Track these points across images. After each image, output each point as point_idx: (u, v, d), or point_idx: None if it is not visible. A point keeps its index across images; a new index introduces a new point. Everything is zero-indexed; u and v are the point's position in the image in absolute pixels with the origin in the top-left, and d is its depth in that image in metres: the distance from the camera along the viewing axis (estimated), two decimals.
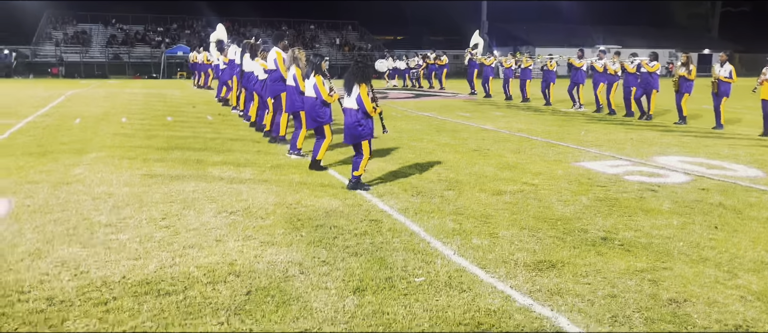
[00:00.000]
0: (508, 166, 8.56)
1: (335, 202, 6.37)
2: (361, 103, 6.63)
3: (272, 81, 10.21)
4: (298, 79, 8.66)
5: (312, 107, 7.93)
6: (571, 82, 18.23)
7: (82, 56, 46.59)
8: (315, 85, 7.71)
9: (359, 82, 6.65)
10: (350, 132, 6.84)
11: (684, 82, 13.83)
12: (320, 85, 7.67)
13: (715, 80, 13.23)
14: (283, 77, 9.60)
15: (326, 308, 3.77)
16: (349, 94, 6.75)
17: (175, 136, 11.38)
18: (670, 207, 6.37)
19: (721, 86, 13.15)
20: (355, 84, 6.66)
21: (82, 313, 3.65)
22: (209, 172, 7.94)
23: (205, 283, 4.15)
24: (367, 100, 6.63)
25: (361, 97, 6.61)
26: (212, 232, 5.32)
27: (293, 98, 8.90)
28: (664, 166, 8.73)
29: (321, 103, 7.82)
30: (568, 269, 4.49)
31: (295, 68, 8.71)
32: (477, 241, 5.13)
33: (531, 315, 3.71)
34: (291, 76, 8.82)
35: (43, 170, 7.91)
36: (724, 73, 13.10)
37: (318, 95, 7.74)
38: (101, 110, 16.31)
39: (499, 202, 6.48)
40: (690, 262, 4.67)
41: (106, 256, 4.67)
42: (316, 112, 7.91)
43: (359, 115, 6.72)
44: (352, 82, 6.70)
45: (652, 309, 3.81)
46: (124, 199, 6.40)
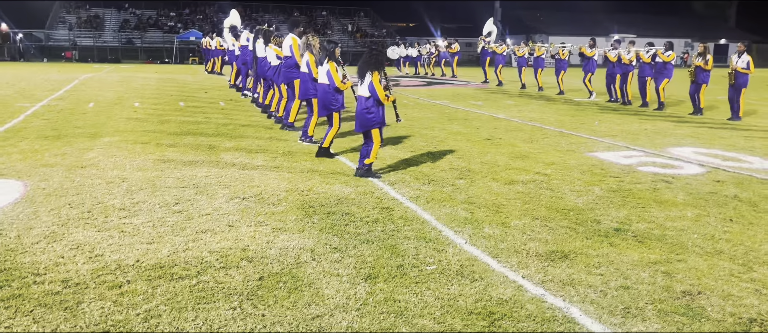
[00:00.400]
0: (521, 156, 8.51)
1: (347, 190, 6.38)
2: (374, 91, 6.62)
3: (287, 67, 10.21)
4: (311, 66, 8.65)
5: (324, 94, 7.92)
6: (584, 71, 18.06)
7: (95, 40, 46.81)
8: (328, 72, 7.69)
9: (372, 69, 6.63)
10: (361, 119, 6.83)
11: (700, 72, 13.65)
12: (334, 71, 7.66)
13: (732, 71, 13.06)
14: (297, 64, 9.59)
15: (338, 295, 3.78)
16: (362, 81, 6.73)
17: (188, 121, 11.42)
18: (685, 199, 6.32)
19: (739, 77, 12.97)
20: (368, 71, 6.64)
21: (96, 296, 3.68)
22: (222, 157, 7.97)
23: (218, 268, 4.18)
24: (380, 88, 6.62)
25: (374, 84, 6.60)
26: (225, 217, 5.34)
27: (306, 85, 8.90)
28: (679, 158, 8.64)
29: (334, 90, 7.80)
30: (581, 260, 4.47)
31: (308, 55, 8.71)
32: (489, 231, 5.12)
33: (543, 305, 3.70)
34: (304, 63, 8.82)
35: (57, 154, 7.97)
36: (741, 64, 12.92)
37: (331, 82, 7.73)
38: (115, 95, 16.40)
39: (511, 192, 6.45)
40: (704, 255, 4.64)
41: (120, 239, 4.71)
42: (328, 99, 7.91)
43: (370, 102, 6.69)
44: (365, 69, 6.68)
45: (665, 301, 3.79)
46: (137, 184, 6.45)
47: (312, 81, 8.68)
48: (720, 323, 3.51)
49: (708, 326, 3.47)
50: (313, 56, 8.65)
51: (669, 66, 14.52)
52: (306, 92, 8.97)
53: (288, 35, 10.14)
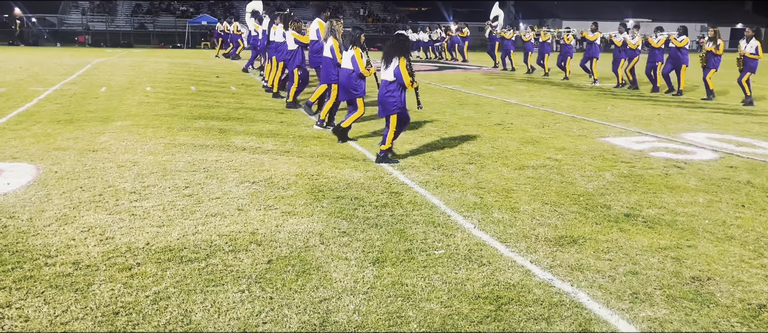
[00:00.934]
0: (532, 141, 8.46)
1: (356, 174, 6.38)
2: (399, 76, 6.66)
3: (313, 52, 10.29)
4: (335, 51, 8.71)
5: (347, 79, 7.95)
6: (584, 55, 17.81)
7: (108, 25, 47.00)
8: (353, 57, 7.75)
9: (399, 54, 6.68)
10: (383, 104, 6.86)
11: (711, 57, 13.42)
12: (358, 57, 7.73)
13: (740, 57, 12.81)
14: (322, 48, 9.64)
15: (346, 278, 3.80)
16: (386, 66, 6.77)
17: (199, 105, 11.46)
18: (697, 184, 6.26)
19: (748, 62, 12.74)
20: (395, 56, 6.69)
21: (107, 278, 3.73)
22: (232, 142, 8.00)
23: (227, 251, 4.21)
24: (406, 73, 6.67)
25: (400, 69, 6.65)
26: (234, 201, 5.37)
27: (329, 70, 8.96)
28: (692, 143, 8.55)
29: (357, 76, 7.84)
30: (590, 245, 4.45)
31: (332, 40, 8.78)
32: (498, 216, 5.10)
33: (550, 290, 3.69)
34: (328, 48, 8.86)
35: (69, 138, 8.04)
36: (749, 49, 12.67)
37: (355, 67, 7.78)
38: (126, 79, 16.48)
39: (521, 177, 6.42)
40: (715, 241, 4.60)
41: (131, 222, 4.75)
42: (350, 84, 7.92)
43: (393, 87, 6.74)
44: (391, 54, 6.73)
45: (674, 287, 3.77)
46: (148, 167, 6.49)
47: (335, 66, 8.74)
48: (729, 309, 3.49)
49: (717, 312, 3.45)
50: (337, 41, 8.71)
51: (684, 51, 14.31)
52: (328, 77, 9.03)
53: (315, 20, 10.20)
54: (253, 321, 3.25)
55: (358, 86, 7.93)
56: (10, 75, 16.82)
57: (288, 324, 3.23)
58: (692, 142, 8.61)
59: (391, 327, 3.22)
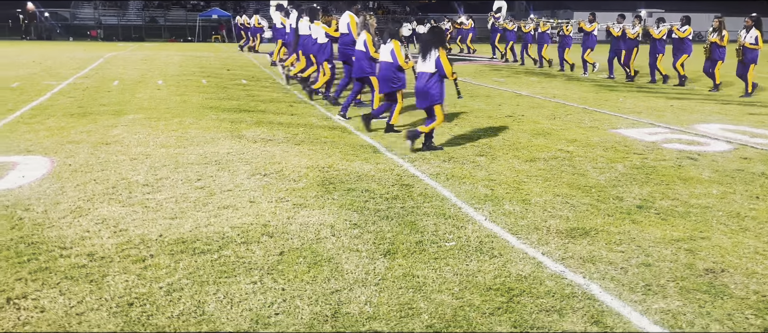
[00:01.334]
0: (543, 133, 8.42)
1: (367, 167, 6.39)
2: (440, 67, 6.73)
3: (343, 44, 10.38)
4: (368, 45, 8.82)
5: (386, 72, 8.04)
6: (582, 47, 17.61)
7: (120, 19, 47.23)
8: (392, 51, 7.85)
9: (437, 46, 6.78)
10: (423, 96, 6.94)
11: (716, 48, 13.10)
12: (398, 50, 7.85)
13: (739, 47, 12.52)
14: (354, 41, 9.77)
15: (357, 270, 3.81)
16: (424, 58, 6.85)
17: (210, 98, 11.51)
18: (710, 176, 6.20)
19: (748, 53, 12.42)
20: (434, 48, 6.77)
21: (121, 269, 3.76)
22: (243, 134, 8.03)
23: (239, 242, 4.23)
24: (447, 64, 6.75)
25: (441, 60, 6.73)
26: (246, 193, 5.39)
27: (361, 63, 9.06)
28: (705, 134, 8.47)
29: (396, 69, 7.94)
30: (602, 237, 4.43)
31: (365, 34, 8.88)
32: (509, 207, 5.09)
33: (562, 282, 3.68)
34: (361, 42, 8.94)
35: (83, 131, 8.11)
36: (749, 40, 12.33)
37: (394, 60, 7.88)
38: (138, 73, 16.58)
39: (532, 169, 6.40)
40: (729, 232, 4.56)
41: (144, 215, 4.79)
42: (390, 77, 8.02)
43: (433, 79, 6.83)
44: (430, 46, 6.82)
45: (687, 278, 3.74)
46: (160, 160, 6.53)
47: (368, 60, 8.88)
48: (743, 301, 3.46)
49: (730, 304, 3.43)
50: (371, 35, 8.83)
51: (687, 41, 14.06)
52: (361, 70, 9.13)
53: (345, 13, 10.30)
54: (266, 312, 3.27)
55: (397, 79, 8.04)
56: (23, 69, 16.97)
57: (300, 315, 3.24)
58: (706, 134, 8.53)
59: (402, 318, 3.22)
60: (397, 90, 8.08)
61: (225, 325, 3.14)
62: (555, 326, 3.16)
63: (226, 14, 45.90)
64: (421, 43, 6.99)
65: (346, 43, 10.23)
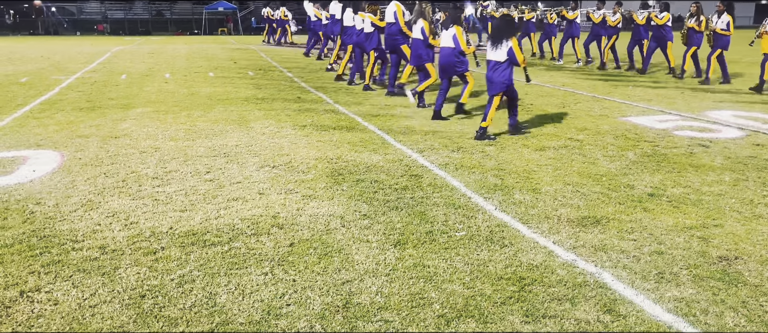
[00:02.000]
0: (552, 121, 8.37)
1: (376, 157, 6.37)
2: (513, 55, 6.96)
3: (389, 34, 10.52)
4: (426, 32, 8.97)
5: (447, 57, 8.26)
6: (564, 35, 17.25)
7: (126, 13, 47.32)
8: (454, 36, 8.06)
9: (509, 35, 6.99)
10: (496, 83, 7.14)
11: (693, 34, 12.78)
12: (460, 36, 8.07)
13: (710, 33, 12.21)
14: (401, 30, 10.05)
15: (368, 261, 3.80)
16: (495, 47, 7.06)
17: (217, 91, 11.51)
18: (722, 163, 6.14)
19: (719, 39, 12.13)
20: (506, 37, 6.98)
21: (133, 262, 3.78)
22: (251, 126, 8.03)
23: (249, 234, 4.24)
24: (519, 52, 7.00)
25: (513, 49, 6.94)
26: (255, 185, 5.40)
27: (418, 51, 9.21)
28: (717, 121, 8.39)
29: (458, 53, 8.16)
30: (613, 225, 4.40)
31: (422, 21, 9.03)
32: (519, 197, 5.06)
33: (574, 270, 3.66)
34: (419, 29, 9.07)
35: (92, 125, 8.13)
36: (721, 25, 12.02)
37: (456, 45, 8.08)
38: (146, 66, 16.60)
39: (542, 158, 6.36)
40: (742, 220, 4.52)
41: (154, 207, 4.80)
42: (452, 62, 8.26)
43: (503, 65, 7.05)
44: (502, 35, 7.01)
45: (700, 266, 3.71)
46: (169, 153, 6.55)
47: (426, 46, 9.07)
48: (758, 288, 3.43)
49: (745, 291, 3.40)
50: (428, 22, 9.01)
51: (667, 28, 13.57)
52: (418, 58, 9.28)
53: (391, 3, 10.42)
54: (277, 303, 3.27)
55: (460, 63, 8.30)
56: (32, 64, 17.04)
57: (311, 305, 3.24)
58: (717, 121, 8.45)
59: (413, 308, 3.22)
60: (460, 73, 8.44)
61: (237, 316, 3.14)
62: (567, 315, 3.15)
63: (232, 7, 45.87)
64: (492, 32, 7.34)
65: (393, 33, 10.41)
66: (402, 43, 10.35)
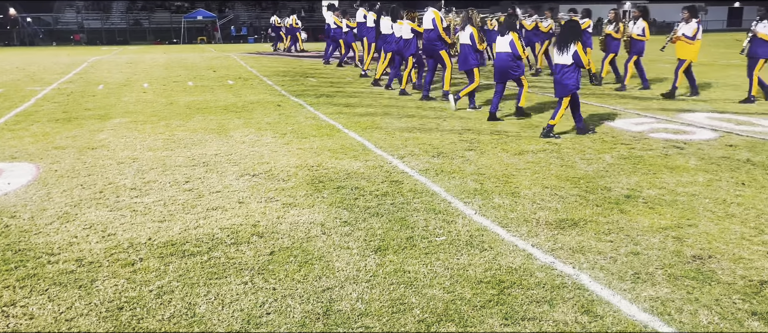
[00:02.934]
0: (530, 125, 8.46)
1: (356, 164, 6.38)
2: (578, 59, 7.29)
3: (428, 40, 10.84)
4: (474, 38, 9.44)
5: (504, 62, 8.67)
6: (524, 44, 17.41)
7: (103, 23, 46.81)
8: (511, 42, 8.51)
9: (575, 40, 7.32)
10: (561, 86, 7.49)
11: (611, 40, 12.70)
12: (517, 41, 8.53)
13: (627, 38, 12.25)
14: (440, 36, 10.52)
15: (348, 267, 3.81)
16: (561, 51, 7.40)
17: (197, 100, 11.44)
18: (696, 164, 6.26)
19: (635, 45, 12.11)
20: (571, 42, 7.30)
21: (110, 274, 3.74)
22: (231, 135, 7.99)
23: (229, 244, 4.22)
24: (584, 56, 7.36)
25: (578, 53, 7.29)
26: (235, 194, 5.37)
27: (467, 56, 9.63)
28: (691, 123, 8.55)
29: (515, 57, 8.62)
30: (591, 227, 4.46)
31: (470, 28, 9.49)
32: (498, 201, 5.11)
33: (552, 272, 3.70)
34: (467, 35, 9.53)
35: (68, 136, 8.03)
36: (636, 31, 12.02)
37: (513, 50, 8.51)
38: (123, 76, 16.45)
39: (520, 162, 6.42)
40: (715, 219, 4.60)
41: (132, 218, 4.75)
42: (510, 66, 8.68)
43: (569, 69, 7.38)
44: (567, 40, 7.35)
45: (675, 266, 3.78)
46: (148, 163, 6.49)
47: (474, 51, 9.59)
48: (730, 286, 3.50)
49: (718, 289, 3.46)
50: (476, 29, 9.52)
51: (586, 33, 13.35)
52: (466, 63, 9.69)
53: (429, 9, 10.76)
54: (257, 312, 3.26)
55: (517, 67, 8.70)
56: (6, 75, 16.79)
57: (292, 314, 3.24)
58: (691, 122, 8.60)
59: (394, 314, 3.23)
60: (517, 77, 8.79)
61: (216, 326, 3.13)
62: (546, 317, 3.18)
63: (211, 15, 45.67)
64: (557, 38, 7.66)
65: (432, 39, 10.72)
66: (441, 48, 10.71)
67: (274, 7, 53.42)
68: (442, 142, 7.44)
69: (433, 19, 10.51)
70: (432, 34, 10.63)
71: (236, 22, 48.95)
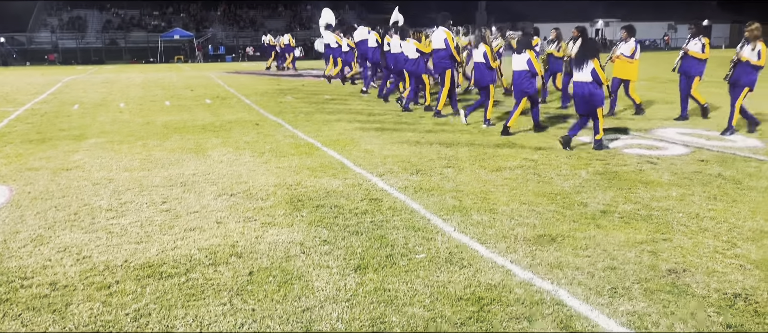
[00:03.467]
0: (508, 143, 8.55)
1: (335, 182, 6.38)
2: (596, 76, 7.57)
3: (439, 59, 11.18)
4: (488, 56, 9.78)
5: (521, 80, 8.94)
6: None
7: (78, 42, 46.35)
8: (529, 60, 8.77)
9: (592, 57, 7.60)
10: (584, 102, 7.79)
11: (553, 60, 12.73)
12: (534, 59, 8.83)
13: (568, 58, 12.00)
14: (451, 54, 10.92)
15: (328, 287, 3.79)
16: (579, 69, 7.70)
17: (174, 120, 11.36)
18: (670, 179, 6.38)
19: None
20: (589, 59, 7.60)
21: (85, 297, 3.67)
22: (209, 154, 7.94)
23: (207, 264, 4.18)
24: (602, 73, 7.59)
25: (596, 70, 7.57)
26: (213, 214, 5.33)
27: (482, 74, 10.00)
28: (664, 139, 8.72)
29: (531, 75, 8.90)
30: (568, 243, 4.51)
31: (484, 46, 9.86)
32: (477, 217, 5.14)
33: (531, 288, 3.73)
34: (481, 54, 9.87)
35: (42, 157, 7.91)
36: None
37: (530, 68, 8.79)
38: (99, 96, 16.27)
39: (498, 179, 6.48)
40: (689, 233, 4.69)
41: (108, 240, 4.69)
42: (524, 85, 9.00)
43: (591, 86, 7.65)
44: (585, 57, 7.64)
45: (651, 280, 3.84)
46: (124, 184, 6.41)
47: (488, 69, 9.91)
48: (705, 299, 3.56)
49: (693, 303, 3.52)
50: (489, 47, 9.89)
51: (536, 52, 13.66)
52: (482, 80, 10.00)
53: (439, 29, 11.10)
54: None
55: (530, 86, 9.00)
56: None
57: None
58: (664, 138, 8.77)
59: None
60: (531, 94, 9.09)
61: None
62: None
63: (188, 34, 45.50)
64: (576, 55, 7.93)
65: (443, 57, 11.04)
66: (449, 66, 11.07)
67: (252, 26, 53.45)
68: (421, 159, 7.48)
69: (445, 38, 10.94)
70: (443, 52, 11.02)
71: (214, 41, 48.83)
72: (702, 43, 10.09)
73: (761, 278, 3.84)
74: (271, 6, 57.15)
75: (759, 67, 8.54)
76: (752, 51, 8.56)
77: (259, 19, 54.97)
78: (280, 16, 55.96)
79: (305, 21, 54.14)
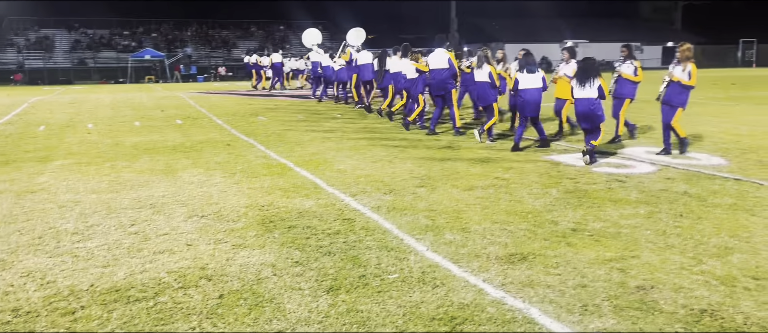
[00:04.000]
0: (480, 162, 8.62)
1: (308, 203, 6.35)
2: (602, 93, 8.21)
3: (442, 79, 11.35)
4: (492, 75, 10.20)
5: (535, 97, 9.36)
6: None
7: (46, 62, 45.59)
8: (542, 78, 9.34)
9: (596, 75, 8.19)
10: (588, 119, 8.34)
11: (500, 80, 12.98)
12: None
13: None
14: (454, 74, 11.31)
15: (300, 309, 3.76)
16: (583, 85, 8.25)
17: (144, 140, 11.20)
18: (638, 197, 6.50)
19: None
20: (594, 77, 8.18)
21: (49, 324, 3.57)
22: (179, 176, 7.84)
23: (176, 288, 4.10)
24: (606, 87, 8.24)
25: (602, 87, 8.19)
26: (183, 236, 5.25)
27: (486, 92, 10.40)
28: (631, 157, 8.89)
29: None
30: (539, 261, 4.55)
31: (488, 66, 10.27)
32: (450, 237, 5.16)
33: (503, 307, 3.75)
34: (485, 74, 10.27)
35: (5, 179, 7.71)
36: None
37: (544, 86, 9.36)
38: (67, 117, 15.98)
39: (470, 198, 6.52)
40: (657, 250, 4.77)
41: (74, 264, 4.57)
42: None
43: (596, 102, 8.22)
44: (589, 75, 8.22)
45: (620, 297, 3.89)
46: (91, 206, 6.28)
47: (492, 88, 10.28)
48: (672, 315, 3.62)
49: (661, 319, 3.57)
50: (493, 66, 10.33)
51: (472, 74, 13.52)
52: (486, 99, 10.44)
53: (439, 50, 11.37)
54: None
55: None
56: None
57: None
58: (631, 157, 8.95)
59: None
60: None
61: None
62: None
63: (159, 55, 45.11)
64: (578, 73, 8.47)
65: (445, 78, 11.21)
66: (452, 87, 11.30)
67: (224, 46, 53.23)
68: (394, 179, 7.49)
69: (449, 58, 11.18)
70: (445, 73, 11.20)
71: (184, 60, 48.47)
72: (634, 67, 9.98)
73: (726, 294, 3.92)
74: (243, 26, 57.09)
75: (690, 86, 8.67)
76: (683, 71, 8.67)
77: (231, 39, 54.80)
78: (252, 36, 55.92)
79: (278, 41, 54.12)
